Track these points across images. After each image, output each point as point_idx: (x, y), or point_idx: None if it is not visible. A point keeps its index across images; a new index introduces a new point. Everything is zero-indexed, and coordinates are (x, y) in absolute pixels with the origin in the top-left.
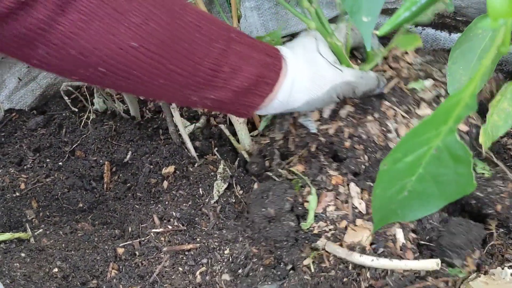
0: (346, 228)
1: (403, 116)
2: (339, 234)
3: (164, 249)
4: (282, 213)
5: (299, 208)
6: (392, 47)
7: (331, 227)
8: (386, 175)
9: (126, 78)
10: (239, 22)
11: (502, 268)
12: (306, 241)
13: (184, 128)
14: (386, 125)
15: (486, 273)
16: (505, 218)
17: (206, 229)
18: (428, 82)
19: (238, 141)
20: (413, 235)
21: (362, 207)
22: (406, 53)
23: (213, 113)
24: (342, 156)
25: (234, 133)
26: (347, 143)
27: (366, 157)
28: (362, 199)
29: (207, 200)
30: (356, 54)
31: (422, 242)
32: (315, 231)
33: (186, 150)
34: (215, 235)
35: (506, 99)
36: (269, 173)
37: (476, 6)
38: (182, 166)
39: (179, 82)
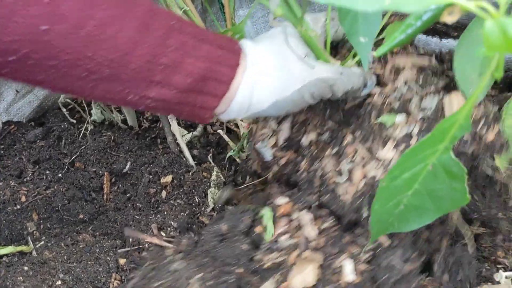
0: (296, 259)
1: (362, 157)
2: (289, 268)
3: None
4: (236, 232)
5: (255, 233)
6: (381, 37)
7: (282, 259)
8: (384, 191)
9: (43, 69)
10: None
11: (497, 271)
12: (256, 276)
13: (182, 137)
14: (340, 164)
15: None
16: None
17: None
18: (401, 118)
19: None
20: (365, 266)
21: (313, 234)
22: (404, 68)
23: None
24: (299, 187)
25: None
26: (303, 175)
27: (318, 194)
28: (315, 225)
29: (203, 208)
30: (344, 51)
31: None
32: (267, 265)
33: (184, 159)
34: None
35: (511, 116)
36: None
37: (466, 12)
38: (180, 175)
39: (106, 75)
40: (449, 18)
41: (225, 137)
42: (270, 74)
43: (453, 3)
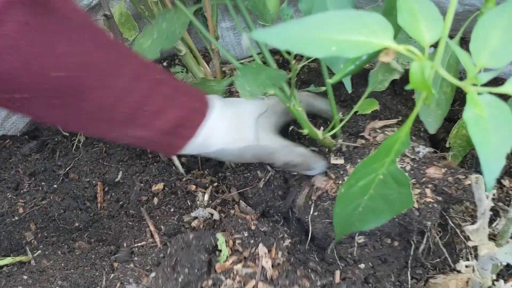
0: None
1: None
2: None
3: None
4: (199, 245)
5: (215, 253)
6: (355, 110)
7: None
8: (344, 196)
9: (49, 106)
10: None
11: (458, 261)
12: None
13: None
14: (343, 179)
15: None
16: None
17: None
18: None
19: None
20: None
21: (268, 265)
22: (388, 126)
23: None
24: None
25: None
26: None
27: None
28: (270, 258)
29: (193, 209)
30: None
31: None
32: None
33: (174, 167)
34: None
35: (463, 127)
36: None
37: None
38: (170, 182)
39: (100, 116)
40: (385, 58)
41: None
42: (225, 128)
43: (387, 47)
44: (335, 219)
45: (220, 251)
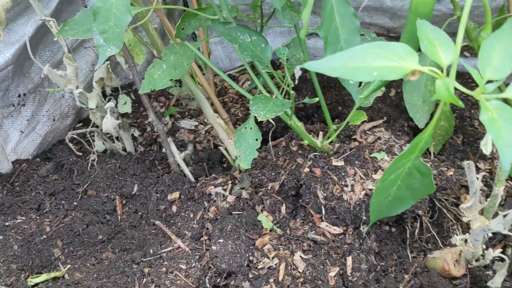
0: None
1: (360, 177)
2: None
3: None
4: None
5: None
6: (347, 121)
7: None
8: (378, 189)
9: None
10: (209, 57)
11: (452, 236)
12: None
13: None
14: (345, 180)
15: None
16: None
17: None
18: (387, 156)
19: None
20: None
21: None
22: (376, 127)
23: (197, 139)
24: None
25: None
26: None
27: (324, 201)
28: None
29: (212, 207)
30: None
31: None
32: (260, 266)
33: (184, 176)
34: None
35: (442, 120)
36: None
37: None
38: (185, 190)
39: None
40: (412, 78)
41: (225, 152)
42: None
43: (415, 69)
44: (371, 208)
45: None
